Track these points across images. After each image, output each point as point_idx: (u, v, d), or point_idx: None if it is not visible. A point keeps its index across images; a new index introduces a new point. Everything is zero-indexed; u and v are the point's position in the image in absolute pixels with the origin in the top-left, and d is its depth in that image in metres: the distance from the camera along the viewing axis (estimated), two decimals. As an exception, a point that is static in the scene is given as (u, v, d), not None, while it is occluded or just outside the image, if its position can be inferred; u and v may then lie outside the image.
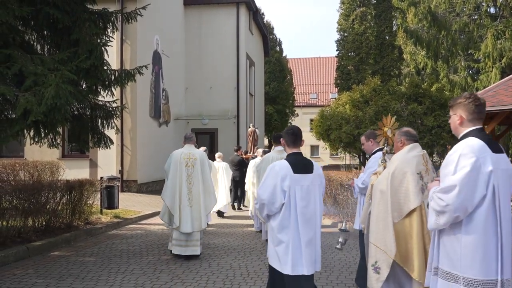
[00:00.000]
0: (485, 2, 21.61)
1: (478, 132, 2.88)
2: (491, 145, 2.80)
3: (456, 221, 2.76)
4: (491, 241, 2.71)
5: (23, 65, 6.52)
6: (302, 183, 3.69)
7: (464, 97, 2.96)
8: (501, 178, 2.76)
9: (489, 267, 2.69)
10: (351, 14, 28.51)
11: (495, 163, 2.74)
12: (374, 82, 11.48)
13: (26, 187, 7.69)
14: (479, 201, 2.71)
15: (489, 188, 2.71)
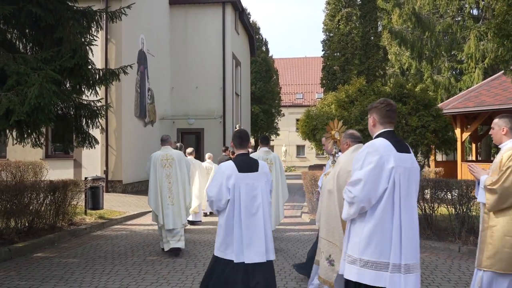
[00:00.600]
0: (468, 4, 21.94)
1: (388, 133, 3.22)
2: (398, 145, 3.14)
3: (363, 211, 3.09)
4: (387, 229, 3.03)
5: (5, 64, 6.42)
6: (247, 181, 4.08)
7: (378, 102, 3.29)
8: (402, 174, 3.09)
9: (382, 251, 3.01)
10: (336, 15, 28.67)
11: (398, 161, 3.08)
12: (359, 82, 11.55)
13: (8, 187, 7.58)
14: (381, 194, 3.05)
15: (390, 183, 3.04)
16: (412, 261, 3.04)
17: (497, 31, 8.82)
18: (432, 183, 7.95)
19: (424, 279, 5.83)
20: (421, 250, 7.39)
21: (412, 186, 3.17)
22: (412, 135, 10.05)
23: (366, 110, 10.24)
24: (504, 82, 14.42)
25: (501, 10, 8.85)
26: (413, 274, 3.04)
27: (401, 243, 3.02)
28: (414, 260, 3.06)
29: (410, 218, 3.10)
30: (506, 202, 3.99)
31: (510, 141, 4.14)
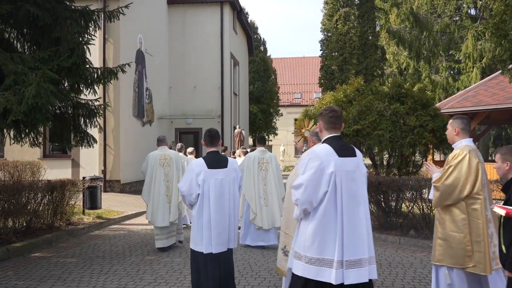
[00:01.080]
0: (466, 4, 21.97)
1: (332, 139, 3.43)
2: (340, 150, 3.35)
3: (306, 212, 3.32)
4: (329, 228, 3.24)
5: (2, 63, 6.41)
6: (216, 176, 4.45)
7: (323, 109, 3.53)
8: (344, 178, 3.29)
9: (325, 249, 3.23)
10: (334, 14, 28.68)
11: (338, 166, 3.28)
12: (357, 82, 11.53)
13: (6, 187, 7.56)
14: (322, 196, 3.26)
15: (330, 186, 3.25)
16: (354, 257, 3.23)
17: (494, 31, 8.83)
18: (430, 183, 7.95)
19: (423, 278, 5.85)
20: (419, 249, 7.44)
21: (357, 188, 3.35)
22: (410, 134, 10.05)
23: (364, 110, 10.24)
24: (502, 82, 14.44)
25: (498, 10, 8.86)
26: (356, 269, 3.23)
27: (343, 241, 3.21)
28: (357, 256, 3.24)
29: (354, 217, 3.29)
30: (448, 199, 4.12)
31: (461, 141, 4.30)
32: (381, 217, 8.85)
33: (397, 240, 8.03)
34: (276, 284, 5.67)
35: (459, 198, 4.08)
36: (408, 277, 5.94)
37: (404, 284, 5.65)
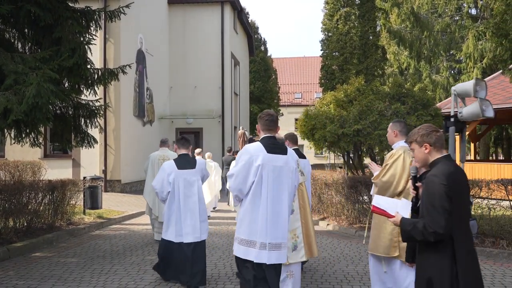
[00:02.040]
0: (466, 4, 21.94)
1: (266, 138, 3.97)
2: (270, 148, 3.86)
3: (239, 199, 3.89)
4: (255, 214, 3.75)
5: (3, 63, 6.41)
6: (184, 176, 5.31)
7: (262, 113, 4.10)
8: (271, 171, 3.80)
9: (252, 231, 3.74)
10: (335, 14, 28.63)
11: (266, 160, 3.79)
12: (358, 81, 11.53)
13: (6, 187, 7.57)
14: (250, 185, 3.77)
15: (257, 177, 3.75)
16: (276, 241, 3.74)
17: (495, 31, 8.83)
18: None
19: (423, 279, 5.84)
20: (420, 249, 7.43)
21: (283, 181, 3.84)
22: (411, 134, 10.06)
23: (364, 109, 10.24)
24: (503, 81, 14.43)
25: (499, 9, 8.85)
26: (277, 251, 3.75)
27: (267, 226, 3.72)
28: (278, 240, 3.76)
29: (278, 207, 3.79)
30: (385, 194, 4.39)
31: (398, 142, 4.65)
32: (381, 217, 8.84)
33: (398, 240, 8.01)
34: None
35: (394, 193, 4.44)
36: (409, 277, 5.93)
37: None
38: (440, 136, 2.94)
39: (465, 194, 2.86)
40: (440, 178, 2.71)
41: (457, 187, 2.74)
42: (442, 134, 2.96)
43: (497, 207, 7.62)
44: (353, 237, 8.66)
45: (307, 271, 6.22)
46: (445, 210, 2.65)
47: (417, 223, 2.75)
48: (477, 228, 3.75)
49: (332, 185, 9.85)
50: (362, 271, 6.24)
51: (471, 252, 2.78)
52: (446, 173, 2.74)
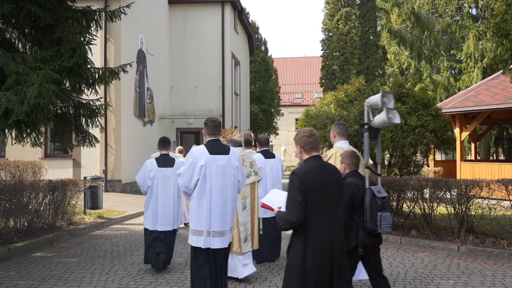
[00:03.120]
0: (467, 3, 21.93)
1: (210, 142, 4.56)
2: (213, 150, 4.48)
3: (187, 195, 4.51)
4: (201, 206, 4.40)
5: (4, 63, 6.41)
6: (163, 173, 6.08)
7: (207, 120, 4.66)
8: (214, 170, 4.42)
9: (199, 221, 4.39)
10: (335, 14, 28.65)
11: (209, 161, 4.41)
12: (358, 81, 11.52)
13: (7, 187, 7.57)
14: (195, 182, 4.41)
15: (201, 175, 4.39)
16: (220, 229, 4.38)
17: (496, 31, 8.81)
18: (431, 183, 7.96)
19: (424, 278, 5.84)
20: (420, 249, 7.44)
21: (226, 177, 4.47)
22: (411, 134, 10.05)
23: (365, 109, 10.23)
24: (503, 81, 14.42)
25: (500, 9, 8.84)
26: (221, 238, 4.38)
27: (211, 217, 4.37)
28: (222, 228, 4.39)
29: (221, 199, 4.42)
30: None
31: (337, 143, 5.11)
32: (382, 217, 8.84)
33: (398, 240, 8.02)
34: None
35: None
36: (409, 277, 5.94)
37: (405, 284, 5.64)
38: (309, 140, 3.39)
39: (320, 190, 3.23)
40: (297, 175, 3.25)
41: (311, 183, 3.20)
42: (313, 139, 3.40)
43: (498, 207, 7.62)
44: None
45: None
46: (297, 202, 3.16)
47: (281, 214, 3.30)
48: (392, 220, 4.17)
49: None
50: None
51: (322, 240, 3.19)
52: (303, 171, 3.27)
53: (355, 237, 4.08)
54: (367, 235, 4.08)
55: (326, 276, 3.18)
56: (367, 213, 4.05)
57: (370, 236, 4.10)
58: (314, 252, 3.16)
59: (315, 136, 3.41)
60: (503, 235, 7.55)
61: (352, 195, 4.11)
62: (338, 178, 3.42)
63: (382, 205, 4.09)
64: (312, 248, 3.17)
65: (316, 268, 3.15)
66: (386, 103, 4.59)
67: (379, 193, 4.12)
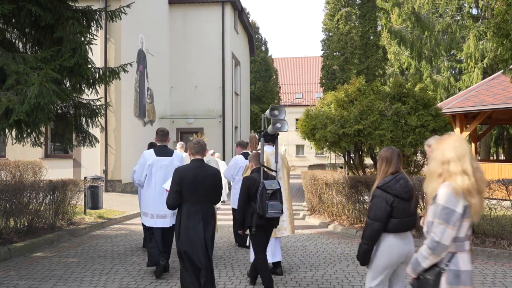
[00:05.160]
0: (467, 3, 21.92)
1: (158, 147, 6.17)
2: (159, 152, 6.09)
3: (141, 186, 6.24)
4: (148, 195, 6.05)
5: (4, 63, 6.41)
6: (161, 163, 6.15)
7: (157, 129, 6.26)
8: (159, 169, 6.03)
9: (146, 206, 6.09)
10: (336, 14, 28.63)
11: (154, 161, 6.04)
12: (358, 81, 11.51)
13: (7, 187, 7.56)
14: (145, 177, 6.08)
15: (148, 172, 6.05)
16: (161, 212, 5.89)
17: (496, 31, 8.81)
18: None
19: (424, 279, 5.83)
20: (421, 249, 7.42)
21: (167, 174, 5.84)
22: (412, 134, 10.04)
23: (365, 109, 10.23)
24: (503, 81, 14.41)
25: (500, 9, 8.83)
26: (162, 219, 5.93)
27: (154, 203, 5.96)
28: (164, 212, 5.86)
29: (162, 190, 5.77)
30: None
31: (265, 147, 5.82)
32: (382, 217, 8.83)
33: (399, 240, 8.00)
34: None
35: None
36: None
37: (405, 284, 5.63)
38: (195, 146, 4.59)
39: (192, 183, 4.39)
40: (176, 171, 4.54)
41: (185, 178, 4.40)
42: (198, 146, 4.58)
43: (498, 207, 7.61)
44: (354, 237, 8.65)
45: (308, 271, 6.22)
46: (173, 191, 4.43)
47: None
48: (281, 207, 5.06)
49: (332, 185, 9.84)
50: (362, 271, 6.24)
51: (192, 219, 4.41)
52: (181, 169, 4.58)
53: (250, 219, 5.03)
54: (259, 218, 4.97)
55: (195, 246, 4.38)
56: (258, 201, 4.94)
57: (262, 220, 4.98)
58: (185, 228, 4.40)
59: (200, 144, 4.61)
60: (503, 235, 7.54)
61: (249, 187, 5.07)
62: (211, 176, 4.53)
63: (272, 195, 4.94)
64: (184, 225, 4.41)
65: (186, 240, 4.40)
66: (277, 115, 5.68)
67: (270, 186, 5.00)
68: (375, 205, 3.33)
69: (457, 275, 2.67)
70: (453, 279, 2.66)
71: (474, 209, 2.65)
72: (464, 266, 2.69)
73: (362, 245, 3.37)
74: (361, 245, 3.37)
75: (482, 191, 2.70)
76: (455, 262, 2.69)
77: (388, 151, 3.69)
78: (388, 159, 3.61)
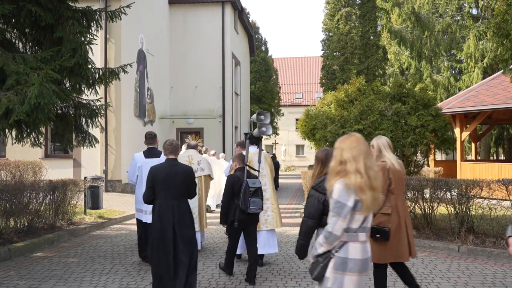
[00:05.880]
0: (467, 3, 21.93)
1: (147, 149, 6.64)
2: (147, 155, 6.57)
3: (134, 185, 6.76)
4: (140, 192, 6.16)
5: (4, 63, 6.41)
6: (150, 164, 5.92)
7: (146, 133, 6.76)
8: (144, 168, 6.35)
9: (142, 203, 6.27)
10: (336, 14, 28.60)
11: (143, 162, 6.48)
12: (358, 81, 11.52)
13: (7, 187, 7.57)
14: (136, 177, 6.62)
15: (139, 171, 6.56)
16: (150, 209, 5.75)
17: (496, 31, 8.81)
18: (431, 183, 7.95)
19: (424, 278, 5.84)
20: (421, 249, 7.43)
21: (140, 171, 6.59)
22: (412, 134, 10.05)
23: (365, 109, 10.24)
24: (503, 81, 14.41)
25: (500, 9, 8.84)
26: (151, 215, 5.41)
27: None
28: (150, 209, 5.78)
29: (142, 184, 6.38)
30: None
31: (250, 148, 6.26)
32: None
33: (399, 240, 8.00)
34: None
35: None
36: (410, 277, 5.93)
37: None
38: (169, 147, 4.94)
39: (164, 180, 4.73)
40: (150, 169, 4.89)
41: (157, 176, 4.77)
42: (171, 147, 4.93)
43: (498, 207, 7.61)
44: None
45: (308, 271, 6.22)
46: (147, 187, 4.83)
47: None
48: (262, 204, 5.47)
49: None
50: (363, 271, 6.23)
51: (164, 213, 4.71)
52: (155, 167, 4.89)
53: (233, 214, 5.47)
54: (241, 213, 5.39)
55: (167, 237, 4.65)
56: (241, 198, 5.34)
57: (244, 215, 5.40)
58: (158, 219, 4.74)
59: (173, 145, 4.97)
60: (503, 235, 7.54)
61: (233, 184, 5.53)
62: (182, 174, 4.85)
63: (254, 192, 5.32)
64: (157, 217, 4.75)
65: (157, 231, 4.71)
66: (263, 120, 6.18)
67: (253, 184, 5.39)
68: (309, 204, 3.49)
69: (345, 262, 2.92)
70: (340, 265, 2.93)
71: (365, 204, 2.90)
72: (353, 255, 2.94)
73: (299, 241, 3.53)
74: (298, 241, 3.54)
75: (374, 187, 2.94)
76: (345, 250, 2.94)
77: (323, 153, 3.78)
78: (323, 161, 3.70)
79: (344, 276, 2.92)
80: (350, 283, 2.92)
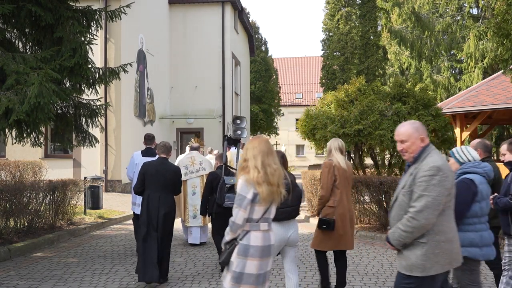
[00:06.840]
0: (468, 3, 21.91)
1: (145, 149, 7.05)
2: (145, 154, 6.94)
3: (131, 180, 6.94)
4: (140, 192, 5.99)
5: (4, 63, 6.41)
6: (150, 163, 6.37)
7: (145, 135, 7.22)
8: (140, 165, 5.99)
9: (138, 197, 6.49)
10: (336, 14, 28.62)
11: (140, 161, 6.53)
12: (359, 81, 11.50)
13: (7, 187, 7.57)
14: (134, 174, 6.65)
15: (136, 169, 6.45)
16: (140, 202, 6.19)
17: (496, 31, 8.80)
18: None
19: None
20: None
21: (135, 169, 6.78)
22: (412, 134, 10.03)
23: (365, 109, 10.22)
24: (504, 81, 14.39)
25: (500, 9, 8.83)
26: None
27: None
28: None
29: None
30: None
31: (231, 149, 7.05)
32: (382, 217, 8.84)
33: (399, 240, 7.99)
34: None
35: None
36: (410, 277, 5.92)
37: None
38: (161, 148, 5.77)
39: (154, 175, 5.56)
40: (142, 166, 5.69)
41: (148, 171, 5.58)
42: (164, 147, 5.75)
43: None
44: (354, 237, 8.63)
45: (308, 271, 6.22)
46: (139, 179, 5.61)
47: None
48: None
49: (333, 185, 9.82)
50: (362, 271, 6.24)
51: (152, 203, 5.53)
52: (146, 164, 5.70)
53: (211, 207, 6.08)
54: (218, 206, 5.83)
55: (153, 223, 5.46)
56: (218, 192, 5.77)
57: (220, 208, 5.78)
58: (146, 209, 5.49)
59: (165, 146, 5.76)
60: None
61: (212, 181, 6.15)
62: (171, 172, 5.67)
63: (230, 188, 5.66)
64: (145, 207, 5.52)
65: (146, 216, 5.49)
66: (239, 124, 6.86)
67: (229, 181, 5.77)
68: None
69: (247, 248, 3.27)
70: (242, 251, 3.27)
71: (262, 196, 3.24)
72: (254, 242, 3.28)
73: None
74: None
75: (271, 182, 3.29)
76: (247, 238, 3.29)
77: None
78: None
79: (246, 261, 3.26)
80: (251, 266, 3.26)
